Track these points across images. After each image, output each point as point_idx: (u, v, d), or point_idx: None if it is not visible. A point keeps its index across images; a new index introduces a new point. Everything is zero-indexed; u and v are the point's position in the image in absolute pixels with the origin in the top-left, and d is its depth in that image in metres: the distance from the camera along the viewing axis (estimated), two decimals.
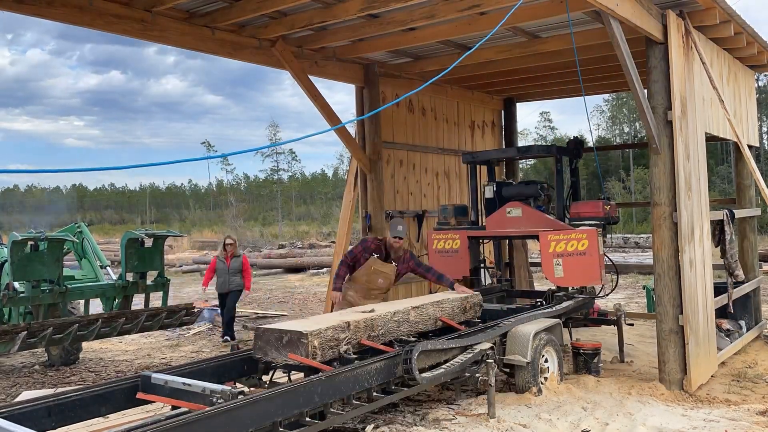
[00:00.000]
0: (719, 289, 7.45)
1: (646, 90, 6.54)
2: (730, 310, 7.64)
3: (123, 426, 4.72)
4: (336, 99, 55.99)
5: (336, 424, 4.73)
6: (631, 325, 8.40)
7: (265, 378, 5.33)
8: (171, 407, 4.53)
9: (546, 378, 6.15)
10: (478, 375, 5.55)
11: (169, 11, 6.57)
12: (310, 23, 6.87)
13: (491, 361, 5.53)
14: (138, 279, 8.49)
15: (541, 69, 9.35)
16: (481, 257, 8.41)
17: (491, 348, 5.69)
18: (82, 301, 8.64)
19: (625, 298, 13.52)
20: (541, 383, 6.01)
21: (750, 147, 8.52)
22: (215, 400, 4.05)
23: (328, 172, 78.31)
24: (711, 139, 7.52)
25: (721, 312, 7.59)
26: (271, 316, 12.97)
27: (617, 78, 9.65)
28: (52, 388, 7.32)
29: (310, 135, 6.64)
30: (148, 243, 8.46)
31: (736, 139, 7.39)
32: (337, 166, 72.38)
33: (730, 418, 5.44)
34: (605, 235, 7.29)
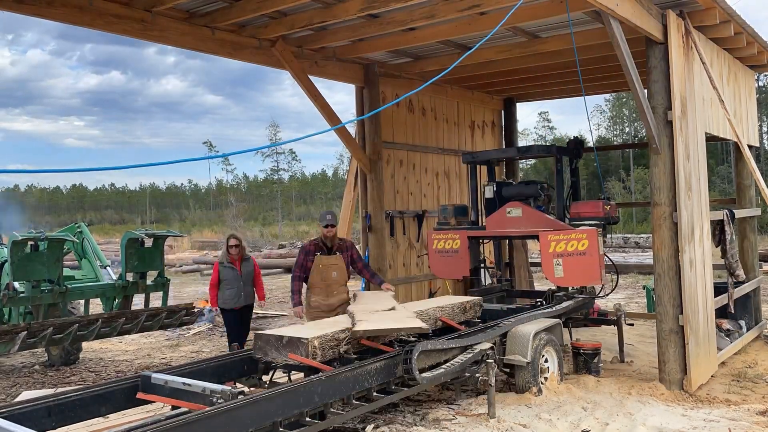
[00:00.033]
0: (719, 289, 7.46)
1: (646, 90, 6.54)
2: (731, 310, 7.64)
3: (123, 426, 4.72)
4: (336, 99, 56.09)
5: (336, 424, 4.73)
6: (631, 325, 8.40)
7: (265, 378, 5.34)
8: (171, 407, 4.54)
9: (546, 378, 6.15)
10: (478, 375, 5.55)
11: (169, 11, 6.57)
12: (310, 23, 6.87)
13: (491, 361, 5.53)
14: (138, 279, 8.49)
15: (541, 69, 9.35)
16: (481, 257, 8.41)
17: (491, 348, 5.69)
18: (82, 301, 8.64)
19: (625, 298, 13.52)
20: (541, 383, 6.01)
21: (750, 147, 8.52)
22: (215, 400, 4.05)
23: (328, 172, 78.46)
24: (711, 139, 7.52)
25: (721, 312, 7.59)
26: (272, 316, 12.97)
27: (617, 78, 9.65)
28: (52, 388, 7.32)
29: (310, 135, 6.63)
30: (148, 243, 8.47)
31: (736, 139, 7.39)
32: (337, 166, 72.50)
33: (730, 418, 5.44)
34: (605, 235, 7.29)
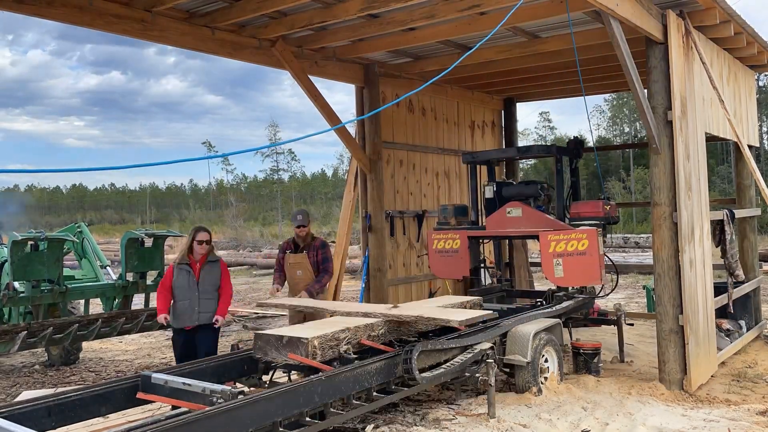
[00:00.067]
0: (719, 289, 7.45)
1: (646, 90, 6.53)
2: (730, 310, 7.64)
3: (123, 426, 4.72)
4: (336, 99, 56.08)
5: (336, 424, 4.73)
6: (631, 325, 8.40)
7: (265, 378, 5.34)
8: (171, 407, 4.54)
9: (546, 378, 6.15)
10: (478, 375, 5.55)
11: (169, 11, 6.57)
12: (310, 23, 6.87)
13: (491, 361, 5.53)
14: (138, 279, 8.50)
15: (541, 69, 9.35)
16: (481, 257, 8.41)
17: (491, 348, 5.69)
18: (82, 301, 8.64)
19: (625, 298, 13.52)
20: (541, 383, 6.01)
21: (750, 147, 8.52)
22: (215, 400, 4.05)
23: (328, 172, 78.44)
24: (711, 139, 7.52)
25: (721, 312, 7.59)
26: (271, 315, 12.96)
27: (617, 78, 9.65)
28: (52, 388, 7.31)
29: (310, 135, 6.64)
30: (148, 243, 8.48)
31: (736, 139, 7.39)
32: (337, 166, 72.47)
33: (730, 418, 5.44)
34: (605, 235, 7.29)
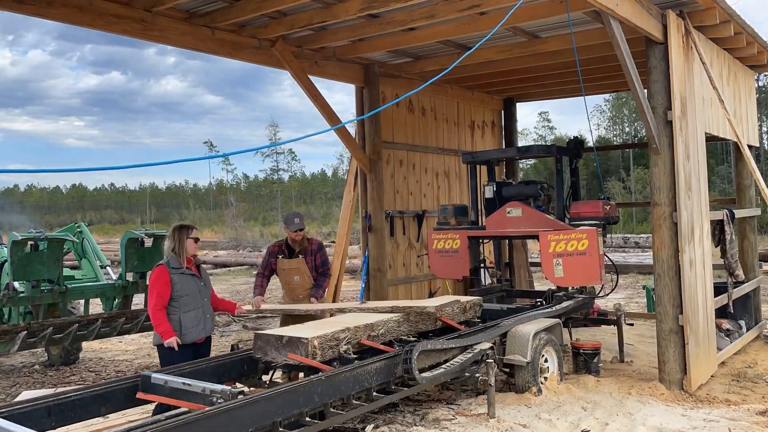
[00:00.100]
0: (719, 289, 7.45)
1: (646, 90, 6.53)
2: (730, 310, 7.64)
3: (123, 426, 4.71)
4: (336, 99, 56.05)
5: (336, 424, 4.73)
6: (631, 325, 8.40)
7: (265, 378, 5.34)
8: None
9: (546, 378, 6.15)
10: (478, 375, 5.55)
11: (169, 11, 6.57)
12: (310, 23, 6.86)
13: (491, 361, 5.53)
14: (138, 279, 8.49)
15: (541, 69, 9.34)
16: (481, 257, 8.41)
17: (491, 348, 5.69)
18: (82, 301, 8.65)
19: (625, 298, 13.51)
20: (541, 383, 6.01)
21: (750, 147, 8.52)
22: (215, 400, 4.05)
23: (328, 172, 78.46)
24: (711, 139, 7.51)
25: (721, 312, 7.58)
26: (271, 315, 12.94)
27: (617, 78, 9.65)
28: (52, 388, 7.31)
29: (310, 135, 6.63)
30: (148, 243, 8.47)
31: (736, 139, 7.39)
32: (337, 166, 72.51)
33: (730, 418, 5.44)
34: (605, 235, 7.29)
